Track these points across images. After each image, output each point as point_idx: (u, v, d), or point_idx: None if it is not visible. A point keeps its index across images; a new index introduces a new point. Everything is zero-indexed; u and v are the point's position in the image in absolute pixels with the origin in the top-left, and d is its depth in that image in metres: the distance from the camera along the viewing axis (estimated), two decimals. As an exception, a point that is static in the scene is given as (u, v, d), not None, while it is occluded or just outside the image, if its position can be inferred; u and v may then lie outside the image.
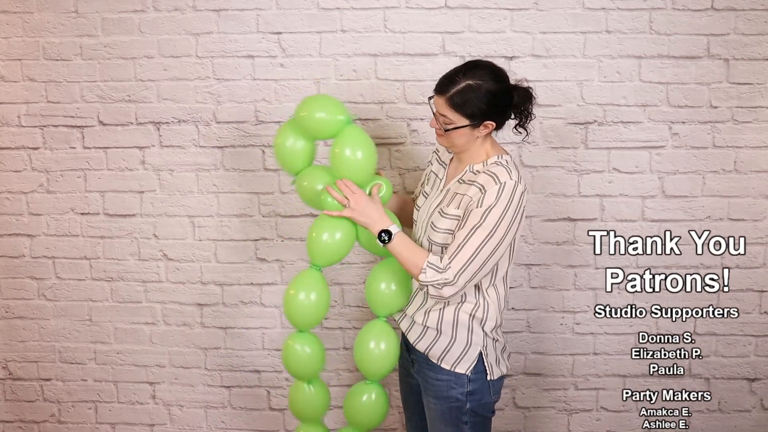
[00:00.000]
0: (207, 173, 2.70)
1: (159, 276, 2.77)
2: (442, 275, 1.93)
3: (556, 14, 2.54)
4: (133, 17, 2.63)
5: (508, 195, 1.91)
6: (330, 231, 2.10)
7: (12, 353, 2.87)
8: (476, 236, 1.91)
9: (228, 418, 2.85)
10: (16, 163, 2.74)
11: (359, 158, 2.08)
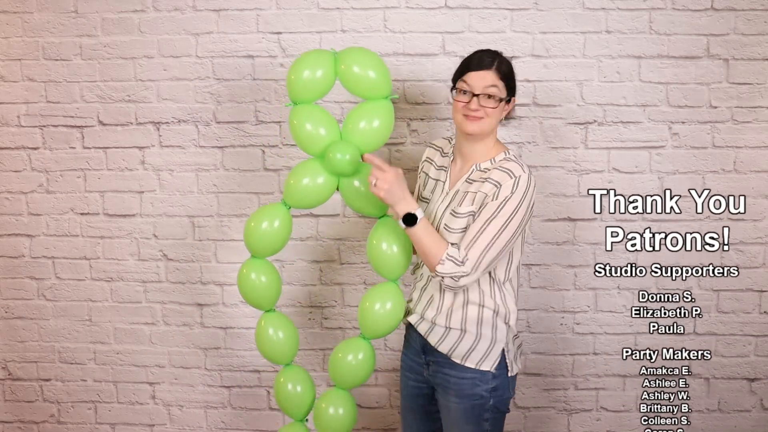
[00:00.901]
0: (207, 173, 2.70)
1: (159, 276, 2.77)
2: (460, 268, 1.94)
3: (556, 14, 2.55)
4: (133, 17, 2.63)
5: (523, 187, 1.95)
6: (311, 176, 2.11)
7: (12, 353, 2.86)
8: (492, 226, 1.93)
9: (228, 418, 2.84)
10: (16, 163, 2.74)
11: None
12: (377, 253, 2.14)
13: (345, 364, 2.24)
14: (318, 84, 2.10)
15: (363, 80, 2.08)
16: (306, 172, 2.12)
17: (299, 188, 2.12)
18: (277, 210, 2.17)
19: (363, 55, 2.10)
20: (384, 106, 2.10)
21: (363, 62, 2.08)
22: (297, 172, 2.14)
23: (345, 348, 2.26)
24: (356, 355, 2.24)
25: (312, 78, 2.08)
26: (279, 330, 2.27)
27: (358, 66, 2.08)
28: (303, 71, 2.08)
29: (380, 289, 2.18)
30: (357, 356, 2.24)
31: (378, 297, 2.17)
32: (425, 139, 2.62)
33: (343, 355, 2.25)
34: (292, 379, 2.32)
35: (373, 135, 2.09)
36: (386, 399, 2.80)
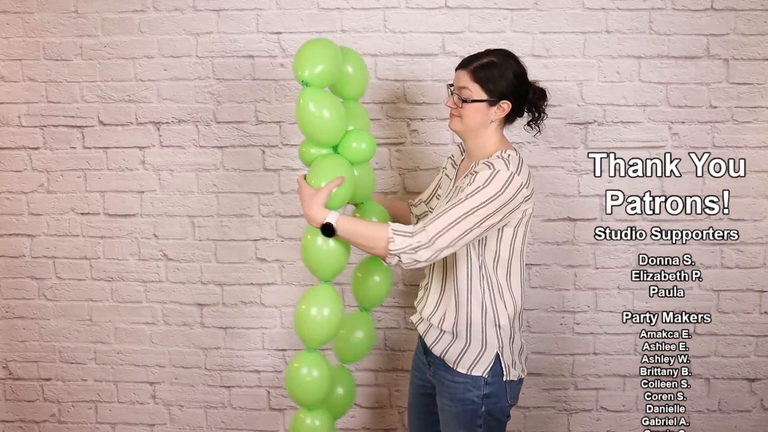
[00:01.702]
0: (207, 173, 2.70)
1: (159, 276, 2.77)
2: (413, 239, 1.87)
3: (556, 14, 2.55)
4: (133, 17, 2.63)
5: (500, 183, 1.88)
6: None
7: (12, 353, 2.87)
8: (459, 208, 1.87)
9: (228, 418, 2.85)
10: (16, 163, 2.74)
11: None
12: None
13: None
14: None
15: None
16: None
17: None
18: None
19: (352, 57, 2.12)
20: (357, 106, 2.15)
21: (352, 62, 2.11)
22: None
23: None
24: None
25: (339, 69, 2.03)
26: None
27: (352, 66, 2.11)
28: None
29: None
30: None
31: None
32: (425, 139, 2.63)
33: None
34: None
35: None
36: (386, 399, 2.80)
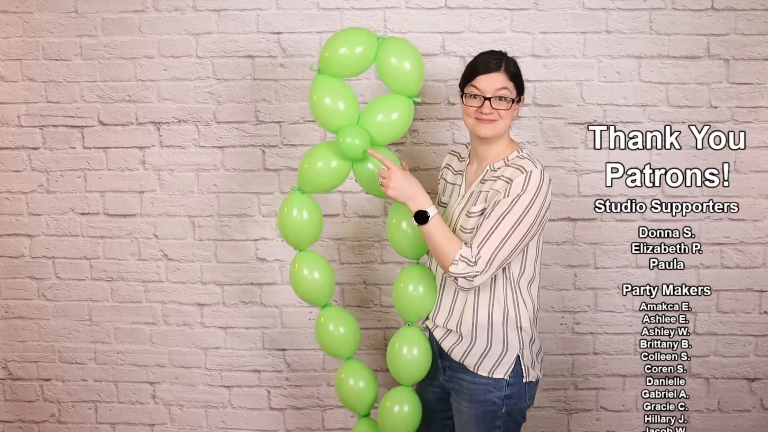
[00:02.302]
0: (207, 173, 2.70)
1: (159, 276, 2.77)
2: (473, 268, 1.91)
3: (556, 14, 2.54)
4: (133, 17, 2.63)
5: (536, 183, 1.92)
6: (325, 160, 2.10)
7: (12, 353, 2.87)
8: (505, 223, 1.90)
9: (228, 418, 2.84)
10: (16, 163, 2.74)
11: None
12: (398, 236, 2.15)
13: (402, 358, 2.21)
14: (354, 60, 2.07)
15: (399, 73, 2.07)
16: (320, 156, 2.11)
17: (313, 172, 2.11)
18: (296, 198, 2.17)
19: (406, 48, 2.10)
20: (406, 103, 2.11)
21: (403, 55, 2.07)
22: (310, 157, 2.12)
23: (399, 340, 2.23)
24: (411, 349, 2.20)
25: (349, 54, 2.06)
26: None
27: (396, 58, 2.07)
28: (341, 47, 2.06)
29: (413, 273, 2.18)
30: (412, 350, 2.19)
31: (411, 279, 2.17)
32: (425, 139, 2.62)
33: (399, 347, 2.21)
34: (353, 374, 2.30)
35: (389, 128, 2.09)
36: (386, 399, 2.80)
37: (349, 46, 2.06)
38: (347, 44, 2.06)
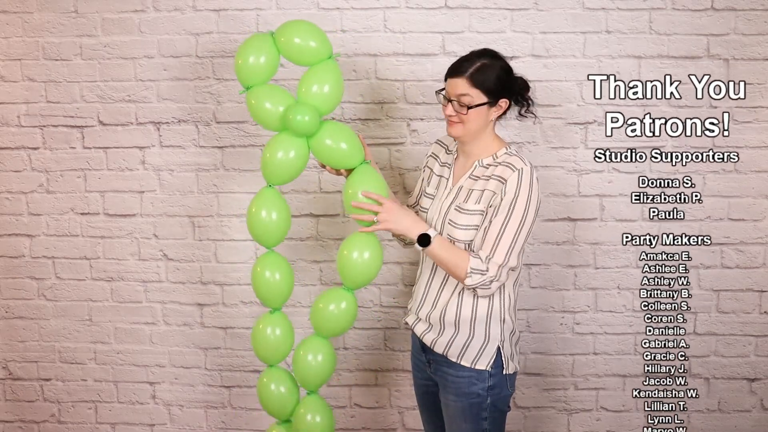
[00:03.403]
0: (207, 173, 2.70)
1: (159, 276, 2.77)
2: (486, 276, 1.97)
3: (556, 14, 2.54)
4: (133, 17, 2.63)
5: (527, 180, 1.98)
6: (284, 150, 2.14)
7: (12, 353, 2.87)
8: (509, 228, 1.97)
9: (228, 418, 2.84)
10: (16, 163, 2.74)
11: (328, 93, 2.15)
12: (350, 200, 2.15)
13: (327, 314, 2.22)
14: (264, 67, 2.17)
15: (305, 50, 2.14)
16: (278, 146, 2.15)
17: (275, 163, 2.15)
18: (267, 193, 2.20)
19: (298, 27, 2.16)
20: (330, 66, 2.15)
21: (301, 33, 2.14)
22: (271, 147, 2.16)
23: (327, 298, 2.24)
24: (339, 304, 2.21)
25: (257, 63, 2.15)
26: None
27: (298, 38, 2.14)
28: (248, 57, 2.16)
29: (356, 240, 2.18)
30: (339, 306, 2.21)
31: (355, 246, 2.17)
32: (425, 139, 2.62)
33: (324, 305, 2.23)
34: (275, 379, 2.33)
35: (327, 96, 2.15)
36: (386, 399, 2.80)
37: (255, 55, 2.16)
38: (253, 55, 2.16)
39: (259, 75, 2.17)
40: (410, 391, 2.75)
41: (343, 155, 2.15)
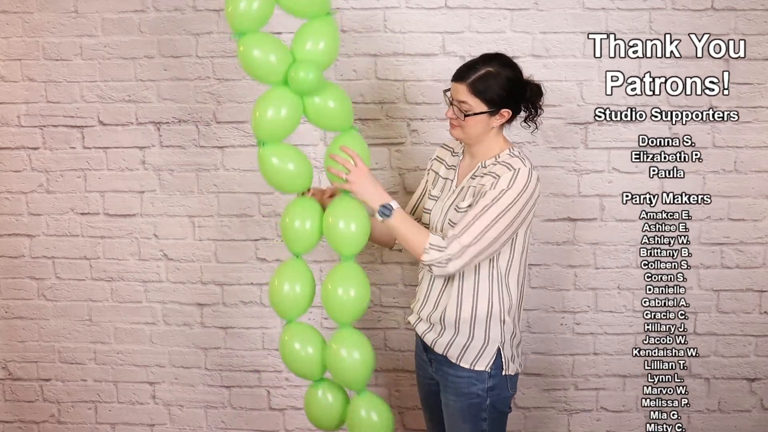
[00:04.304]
0: (207, 173, 2.70)
1: (159, 276, 2.77)
2: (445, 252, 1.94)
3: (556, 14, 2.54)
4: (133, 17, 2.63)
5: (523, 181, 1.95)
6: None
7: (12, 353, 2.87)
8: (488, 214, 1.93)
9: (228, 418, 2.84)
10: (16, 163, 2.74)
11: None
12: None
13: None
14: (257, 13, 2.05)
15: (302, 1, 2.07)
16: (269, 103, 2.06)
17: (266, 121, 2.06)
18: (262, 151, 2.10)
19: None
20: (326, 22, 2.09)
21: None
22: (261, 105, 2.07)
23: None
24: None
25: (249, 8, 2.03)
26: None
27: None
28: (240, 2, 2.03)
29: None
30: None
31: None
32: (425, 139, 2.62)
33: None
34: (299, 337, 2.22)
35: (322, 53, 2.08)
36: (386, 399, 2.80)
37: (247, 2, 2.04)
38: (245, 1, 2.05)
39: (252, 21, 2.05)
40: (410, 391, 2.75)
41: (331, 114, 2.09)
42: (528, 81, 2.04)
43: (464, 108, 1.98)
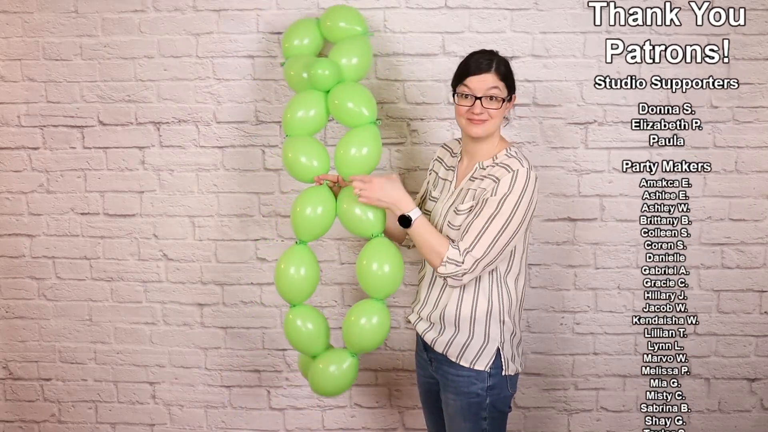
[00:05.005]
0: (207, 173, 2.70)
1: (159, 276, 2.77)
2: (461, 267, 1.97)
3: (556, 14, 2.54)
4: (133, 17, 2.63)
5: (522, 182, 1.97)
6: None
7: (12, 353, 2.87)
8: (494, 224, 1.96)
9: (228, 418, 2.85)
10: (16, 163, 2.74)
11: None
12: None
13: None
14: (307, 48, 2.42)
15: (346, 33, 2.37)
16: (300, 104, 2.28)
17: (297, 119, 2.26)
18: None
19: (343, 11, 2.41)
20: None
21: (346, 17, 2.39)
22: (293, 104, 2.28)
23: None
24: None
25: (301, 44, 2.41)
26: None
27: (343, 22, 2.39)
28: (293, 40, 2.42)
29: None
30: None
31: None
32: (425, 139, 2.62)
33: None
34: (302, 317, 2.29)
35: (355, 67, 2.31)
36: (386, 399, 2.80)
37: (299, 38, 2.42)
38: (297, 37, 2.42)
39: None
40: (410, 390, 2.76)
41: (350, 114, 2.22)
42: None
43: (496, 94, 2.00)
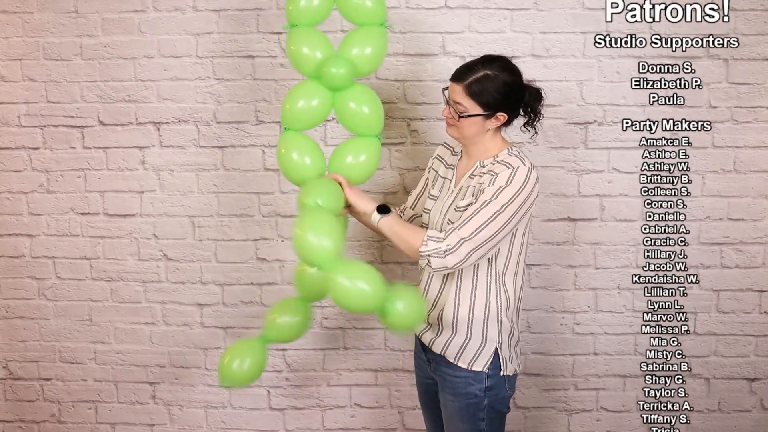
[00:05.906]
0: (207, 173, 2.70)
1: (159, 276, 2.77)
2: (443, 243, 1.94)
3: (556, 14, 2.54)
4: (133, 17, 2.63)
5: (521, 179, 1.95)
6: (306, 98, 2.13)
7: (12, 353, 2.87)
8: (485, 211, 1.93)
9: (228, 418, 2.84)
10: (16, 163, 2.74)
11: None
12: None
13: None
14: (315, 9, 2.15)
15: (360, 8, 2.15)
16: (301, 94, 2.14)
17: (296, 111, 2.14)
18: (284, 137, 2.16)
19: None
20: (378, 31, 2.15)
21: None
22: (293, 96, 2.15)
23: None
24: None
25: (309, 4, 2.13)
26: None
27: None
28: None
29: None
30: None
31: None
32: (425, 139, 2.63)
33: None
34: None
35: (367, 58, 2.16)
36: (386, 399, 2.80)
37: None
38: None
39: (307, 17, 2.14)
40: (410, 390, 2.76)
41: (362, 119, 2.17)
42: (527, 85, 2.04)
43: (459, 109, 1.99)
